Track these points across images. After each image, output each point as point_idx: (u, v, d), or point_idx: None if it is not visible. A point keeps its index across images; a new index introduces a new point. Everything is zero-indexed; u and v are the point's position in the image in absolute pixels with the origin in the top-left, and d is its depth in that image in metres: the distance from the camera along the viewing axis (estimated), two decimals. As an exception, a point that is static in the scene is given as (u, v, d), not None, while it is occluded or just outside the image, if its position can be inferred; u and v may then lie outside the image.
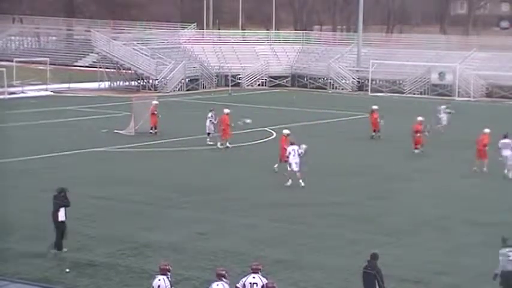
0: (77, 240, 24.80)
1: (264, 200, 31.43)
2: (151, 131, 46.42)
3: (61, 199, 24.61)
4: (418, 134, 41.22)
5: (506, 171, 35.84)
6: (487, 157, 36.90)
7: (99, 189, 32.66)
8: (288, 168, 33.93)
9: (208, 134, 43.59)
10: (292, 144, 34.35)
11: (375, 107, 47.69)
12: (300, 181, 33.48)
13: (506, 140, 35.69)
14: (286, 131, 36.85)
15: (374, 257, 19.22)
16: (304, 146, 34.01)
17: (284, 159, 34.68)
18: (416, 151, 41.14)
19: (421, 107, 56.73)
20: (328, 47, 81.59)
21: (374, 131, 46.44)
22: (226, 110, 42.91)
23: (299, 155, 33.61)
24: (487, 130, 37.86)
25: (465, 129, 46.63)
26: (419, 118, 41.79)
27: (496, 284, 20.12)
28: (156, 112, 46.85)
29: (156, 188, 33.09)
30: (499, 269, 20.12)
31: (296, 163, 33.55)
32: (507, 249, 20.13)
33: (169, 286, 17.86)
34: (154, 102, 48.04)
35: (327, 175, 36.50)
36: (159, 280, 17.92)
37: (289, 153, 33.80)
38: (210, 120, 43.67)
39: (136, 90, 70.54)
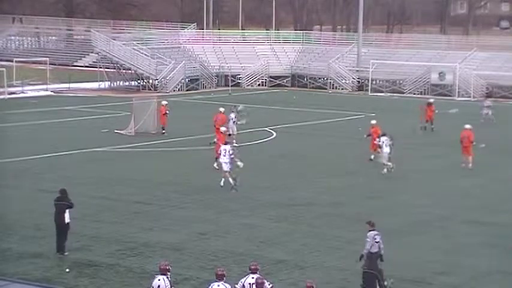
0: (77, 241, 24.79)
1: (264, 200, 31.43)
2: (163, 131, 46.47)
3: (66, 200, 24.58)
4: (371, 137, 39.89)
5: (385, 163, 36.67)
6: (472, 153, 38.04)
7: (99, 189, 32.67)
8: (217, 166, 34.04)
9: (230, 135, 43.58)
10: (226, 144, 34.28)
11: (431, 100, 51.97)
12: (230, 180, 33.12)
13: (385, 137, 36.82)
14: (223, 128, 38.13)
15: (374, 257, 19.25)
16: (241, 164, 34.03)
17: (217, 156, 34.75)
18: (372, 156, 39.48)
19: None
20: (328, 47, 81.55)
21: (427, 121, 48.97)
22: (221, 109, 43.25)
23: (230, 155, 33.40)
24: (468, 126, 38.90)
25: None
26: (373, 121, 40.96)
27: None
28: (167, 112, 46.95)
29: (156, 188, 33.08)
30: (365, 251, 21.02)
31: (226, 163, 33.33)
32: (374, 233, 21.14)
33: (169, 286, 17.85)
34: (164, 102, 48.10)
35: (327, 175, 36.51)
36: (159, 280, 17.91)
37: (220, 151, 33.78)
38: (234, 121, 43.69)
39: (136, 90, 70.51)
